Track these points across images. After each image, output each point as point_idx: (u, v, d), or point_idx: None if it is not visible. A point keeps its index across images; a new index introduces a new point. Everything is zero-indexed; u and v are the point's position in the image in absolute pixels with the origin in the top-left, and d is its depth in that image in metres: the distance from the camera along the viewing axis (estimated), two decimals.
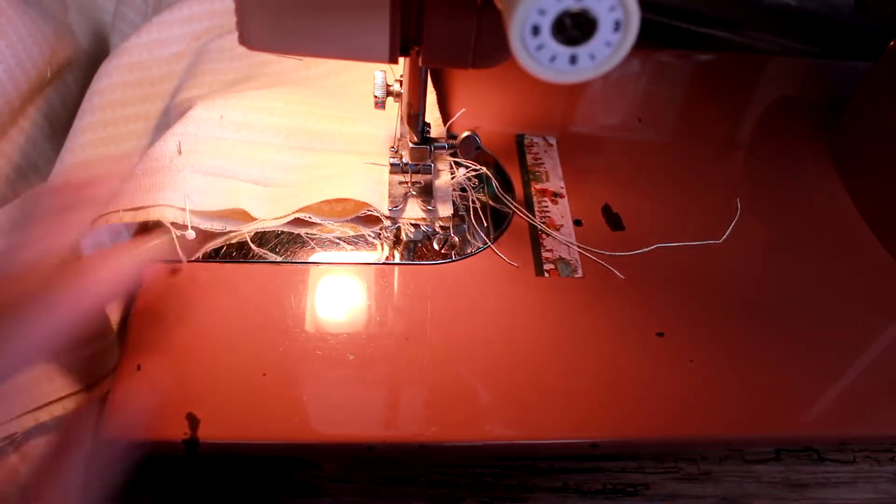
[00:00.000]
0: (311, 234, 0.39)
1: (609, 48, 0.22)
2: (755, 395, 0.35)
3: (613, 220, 0.42)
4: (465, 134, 0.38)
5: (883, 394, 0.36)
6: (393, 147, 0.41)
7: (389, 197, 0.39)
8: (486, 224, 0.41)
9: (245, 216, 0.38)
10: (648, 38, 0.57)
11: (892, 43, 0.45)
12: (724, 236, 0.42)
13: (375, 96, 0.37)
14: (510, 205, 0.41)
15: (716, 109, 0.51)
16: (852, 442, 0.36)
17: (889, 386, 0.36)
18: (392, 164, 0.40)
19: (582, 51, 0.23)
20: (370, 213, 0.39)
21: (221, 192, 0.37)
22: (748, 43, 0.57)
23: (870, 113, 0.46)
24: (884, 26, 0.46)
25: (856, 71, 0.55)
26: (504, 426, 0.32)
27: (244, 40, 0.30)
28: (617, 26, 0.22)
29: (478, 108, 0.48)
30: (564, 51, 0.23)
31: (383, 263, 0.38)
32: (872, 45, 0.55)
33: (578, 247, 0.40)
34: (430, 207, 0.39)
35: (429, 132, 0.40)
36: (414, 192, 0.40)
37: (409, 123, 0.39)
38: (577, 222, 0.41)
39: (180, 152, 0.37)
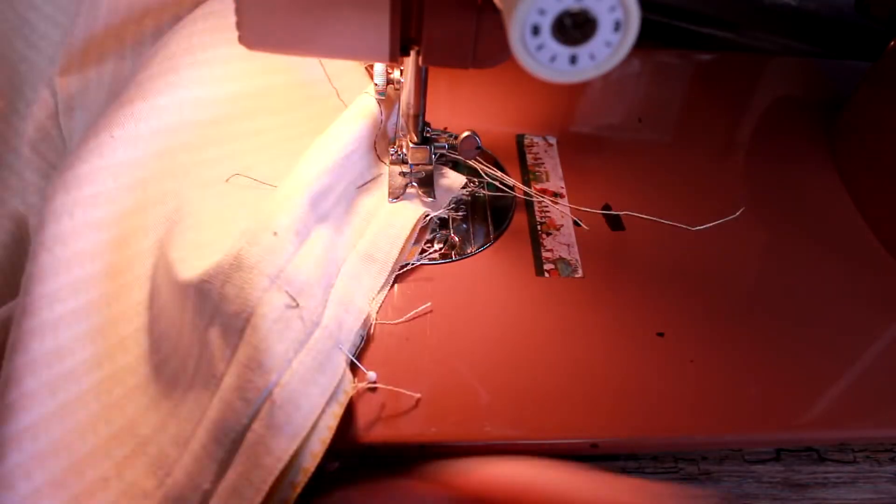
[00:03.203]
0: None
1: (609, 48, 0.23)
2: (755, 395, 0.35)
3: (613, 220, 0.42)
4: (465, 134, 0.38)
5: (883, 394, 0.36)
6: (392, 148, 0.41)
7: (389, 188, 0.39)
8: (486, 224, 0.41)
9: None
10: (648, 38, 0.57)
11: (892, 43, 0.45)
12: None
13: (376, 84, 0.37)
14: (507, 190, 0.42)
15: (716, 109, 0.51)
16: (852, 442, 0.36)
17: (889, 386, 0.36)
18: (392, 155, 0.40)
19: (582, 51, 0.23)
20: None
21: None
22: (748, 43, 0.57)
23: (870, 113, 0.46)
24: (884, 26, 0.46)
25: (856, 71, 0.55)
26: (504, 426, 0.32)
27: (244, 40, 0.30)
28: (617, 26, 0.22)
29: (478, 108, 0.48)
30: (564, 51, 0.23)
31: None
32: (872, 45, 0.55)
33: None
34: (430, 199, 0.39)
35: (429, 132, 0.40)
36: (414, 183, 0.40)
37: (408, 123, 0.39)
38: (576, 222, 0.41)
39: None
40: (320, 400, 0.29)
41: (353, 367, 0.33)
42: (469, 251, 0.39)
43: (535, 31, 0.22)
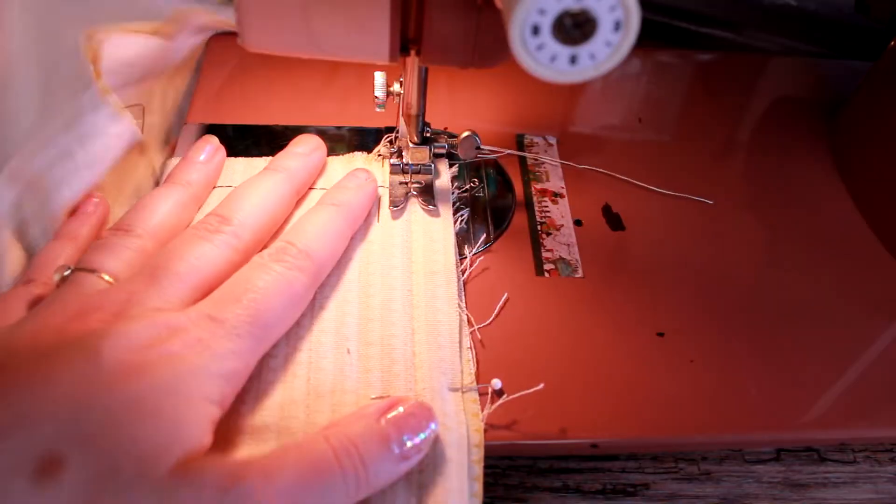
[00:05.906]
0: None
1: (609, 48, 0.23)
2: (755, 395, 0.35)
3: (613, 220, 0.42)
4: (465, 134, 0.38)
5: (883, 394, 0.36)
6: (393, 147, 0.41)
7: (390, 197, 0.39)
8: (486, 224, 0.41)
9: None
10: (648, 38, 0.57)
11: (892, 43, 0.45)
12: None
13: (376, 97, 0.37)
14: (495, 155, 0.42)
15: (716, 109, 0.51)
16: (852, 442, 0.36)
17: (889, 386, 0.36)
18: (392, 165, 0.40)
19: (582, 51, 0.23)
20: None
21: None
22: (748, 43, 0.57)
23: (870, 113, 0.46)
24: (884, 26, 0.46)
25: (856, 71, 0.55)
26: (504, 426, 0.32)
27: (244, 41, 0.30)
28: (617, 26, 0.22)
29: (478, 108, 0.48)
30: (564, 51, 0.23)
31: None
32: (872, 45, 0.55)
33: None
34: (430, 207, 0.39)
35: (429, 132, 0.40)
36: (414, 192, 0.40)
37: (408, 123, 0.39)
38: (577, 222, 0.41)
39: None
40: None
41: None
42: (469, 251, 0.39)
43: (535, 31, 0.22)
